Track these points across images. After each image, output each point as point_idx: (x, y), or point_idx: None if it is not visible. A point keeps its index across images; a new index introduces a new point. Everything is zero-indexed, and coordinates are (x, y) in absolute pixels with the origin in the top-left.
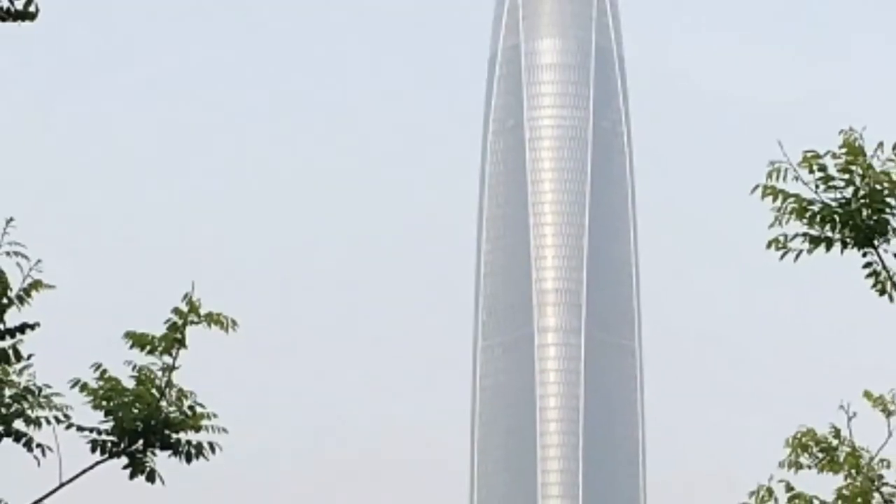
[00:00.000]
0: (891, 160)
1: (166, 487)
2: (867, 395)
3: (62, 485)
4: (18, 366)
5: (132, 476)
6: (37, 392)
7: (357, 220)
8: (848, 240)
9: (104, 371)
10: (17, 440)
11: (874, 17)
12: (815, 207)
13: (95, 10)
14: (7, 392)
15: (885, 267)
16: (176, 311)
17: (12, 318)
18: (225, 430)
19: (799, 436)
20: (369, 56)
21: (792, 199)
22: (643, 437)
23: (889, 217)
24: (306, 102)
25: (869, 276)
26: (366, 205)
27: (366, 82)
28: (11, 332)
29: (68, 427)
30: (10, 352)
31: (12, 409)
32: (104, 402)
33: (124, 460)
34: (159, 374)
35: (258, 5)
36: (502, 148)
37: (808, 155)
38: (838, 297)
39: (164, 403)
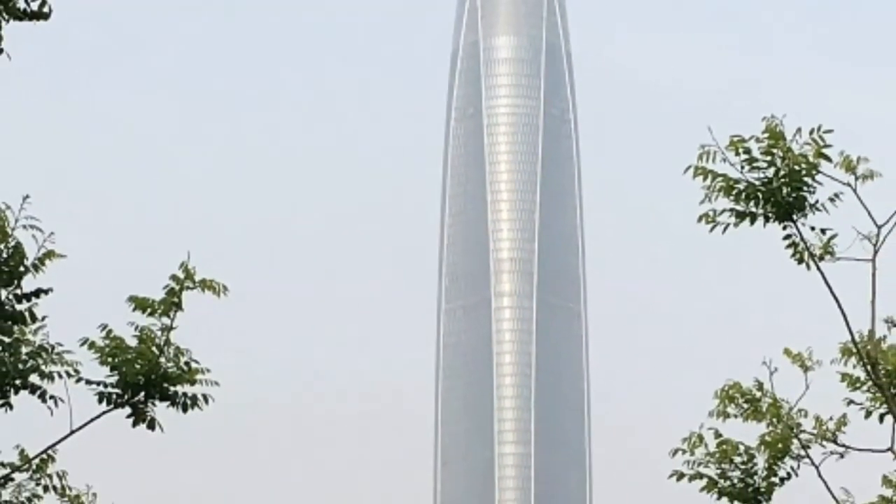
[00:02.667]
0: (808, 144)
1: (165, 434)
2: (787, 352)
3: (72, 432)
4: (34, 326)
5: (135, 424)
6: (50, 349)
7: (335, 197)
8: (770, 215)
9: (110, 331)
10: (32, 392)
11: (794, 16)
12: (741, 186)
13: (105, 11)
14: (24, 349)
15: (802, 239)
16: (173, 277)
17: (28, 283)
18: (217, 384)
19: (726, 388)
20: (347, 52)
21: (720, 179)
22: (588, 389)
23: (806, 194)
24: (291, 92)
25: (788, 246)
26: (343, 183)
27: (344, 75)
28: (27, 297)
29: (78, 381)
30: (27, 314)
31: (28, 365)
32: (110, 359)
33: (127, 410)
34: (159, 333)
35: (249, 7)
36: (463, 133)
37: (735, 139)
38: (761, 265)
39: (163, 360)
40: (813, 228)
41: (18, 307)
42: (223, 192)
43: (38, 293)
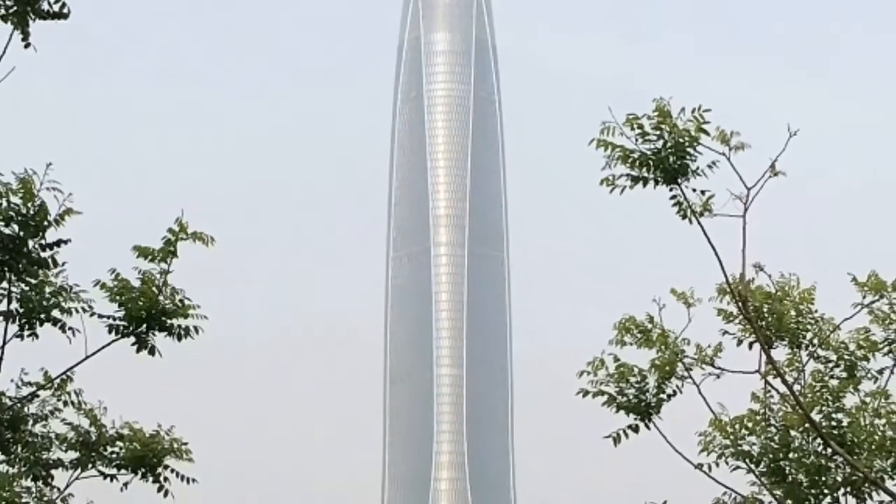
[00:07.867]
0: (690, 121)
1: (163, 359)
2: (673, 291)
3: (87, 357)
4: (55, 270)
5: (138, 350)
6: (69, 289)
7: (303, 165)
8: (659, 179)
9: (118, 274)
10: (54, 324)
11: (679, 14)
12: (635, 155)
13: (107, 11)
14: (47, 289)
15: (686, 199)
16: (170, 230)
17: (51, 235)
18: (206, 318)
19: (623, 321)
20: (313, 45)
21: (618, 149)
22: (510, 322)
23: (689, 162)
24: (267, 78)
25: (674, 205)
26: (309, 154)
27: (309, 64)
28: (50, 246)
29: (91, 315)
30: (50, 260)
31: (51, 302)
32: (118, 297)
33: (132, 340)
34: (158, 276)
35: (234, 8)
36: (407, 112)
37: (630, 117)
38: (653, 220)
39: (161, 298)
40: (694, 190)
41: (43, 255)
42: (209, 161)
43: (58, 243)
